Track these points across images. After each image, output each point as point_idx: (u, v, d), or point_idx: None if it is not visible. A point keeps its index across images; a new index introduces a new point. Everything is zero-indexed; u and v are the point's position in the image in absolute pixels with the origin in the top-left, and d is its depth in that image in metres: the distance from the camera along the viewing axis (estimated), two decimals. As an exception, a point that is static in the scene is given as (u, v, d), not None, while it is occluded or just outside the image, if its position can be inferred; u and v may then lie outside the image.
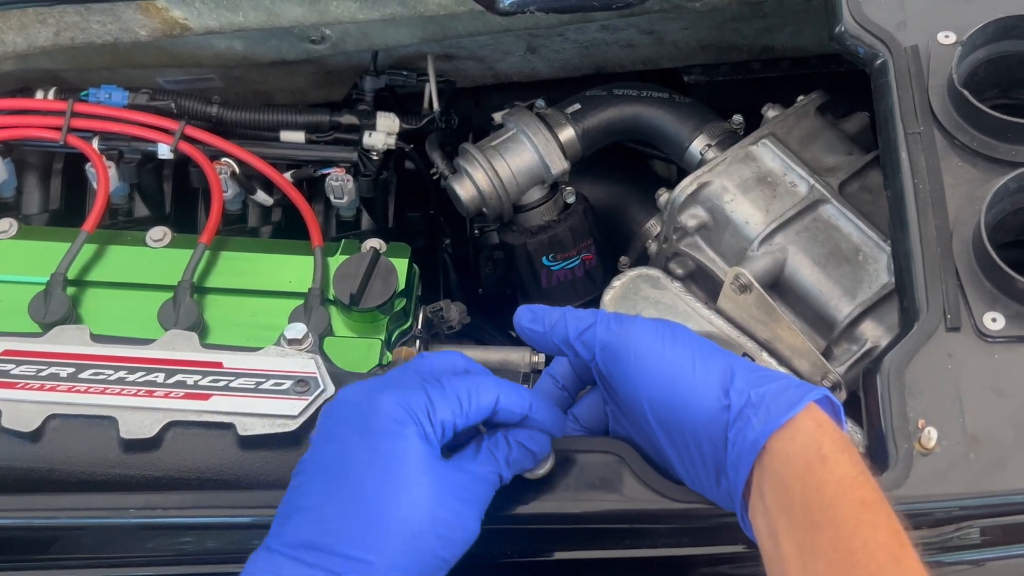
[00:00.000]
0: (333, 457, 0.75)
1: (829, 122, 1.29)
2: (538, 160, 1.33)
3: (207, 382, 0.96)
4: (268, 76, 1.49)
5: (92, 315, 1.14)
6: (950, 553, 0.88)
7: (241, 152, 1.30)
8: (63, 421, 0.94)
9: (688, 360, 0.79)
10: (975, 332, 0.89)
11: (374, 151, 1.37)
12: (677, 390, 0.78)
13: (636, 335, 0.81)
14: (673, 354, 0.79)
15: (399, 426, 0.74)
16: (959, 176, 0.97)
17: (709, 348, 0.81)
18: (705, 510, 0.83)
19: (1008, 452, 0.83)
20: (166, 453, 0.93)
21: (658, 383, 0.79)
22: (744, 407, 0.76)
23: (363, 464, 0.74)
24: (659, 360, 0.79)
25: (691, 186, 1.21)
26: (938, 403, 0.85)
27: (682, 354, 0.79)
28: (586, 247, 1.40)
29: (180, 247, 1.20)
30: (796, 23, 1.44)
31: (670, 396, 0.78)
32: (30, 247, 1.19)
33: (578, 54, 1.51)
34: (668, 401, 0.78)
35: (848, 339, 1.12)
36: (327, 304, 1.16)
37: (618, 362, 0.81)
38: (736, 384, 0.77)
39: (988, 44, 1.02)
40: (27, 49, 1.33)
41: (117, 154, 1.31)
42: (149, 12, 1.28)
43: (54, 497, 0.90)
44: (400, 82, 1.43)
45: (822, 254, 1.15)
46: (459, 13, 1.29)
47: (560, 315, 0.86)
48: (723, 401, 0.77)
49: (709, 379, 0.78)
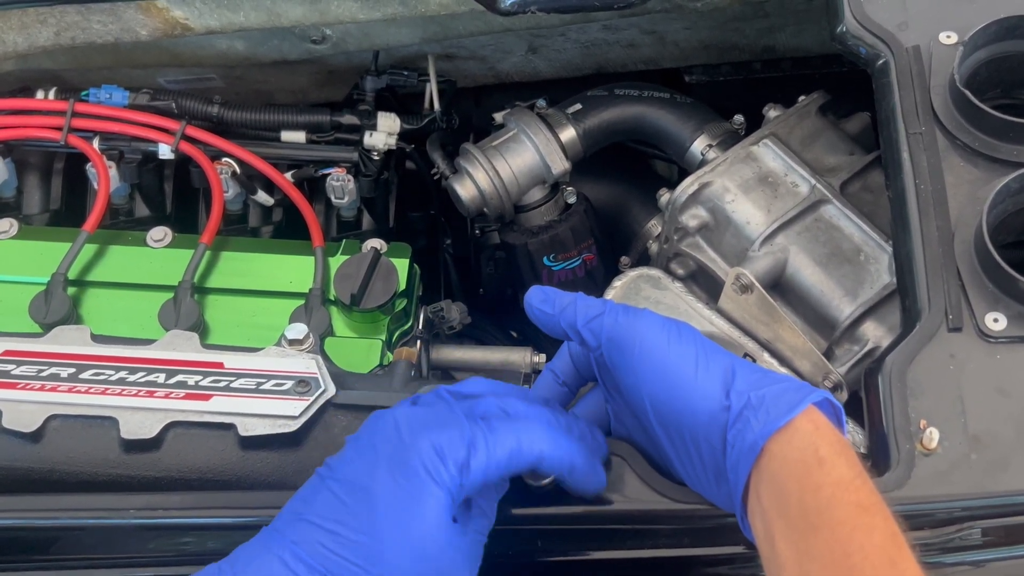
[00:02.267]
0: (361, 474, 0.74)
1: (830, 122, 1.29)
2: (539, 160, 1.33)
3: (208, 382, 0.96)
4: (269, 76, 1.49)
5: (93, 315, 1.14)
6: (952, 554, 0.87)
7: (242, 152, 1.30)
8: (64, 421, 0.94)
9: (691, 358, 0.79)
10: (977, 332, 0.88)
11: (375, 151, 1.37)
12: (679, 387, 0.78)
13: (643, 328, 0.81)
14: (677, 350, 0.79)
15: (429, 474, 0.73)
16: (961, 176, 0.96)
17: (712, 348, 0.80)
18: (707, 511, 0.82)
19: (1010, 452, 0.83)
20: (167, 454, 0.92)
21: (660, 378, 0.79)
22: (744, 408, 0.76)
23: (384, 496, 0.73)
24: (663, 355, 0.79)
25: (692, 186, 1.21)
26: (940, 403, 0.85)
27: (686, 351, 0.79)
28: (587, 247, 1.39)
29: (181, 247, 1.20)
30: (797, 23, 1.44)
31: (671, 393, 0.78)
32: (31, 247, 1.19)
33: (579, 54, 1.51)
34: (668, 398, 0.78)
35: (850, 339, 1.12)
36: (328, 304, 1.16)
37: (623, 354, 0.81)
38: (737, 385, 0.77)
39: (990, 44, 1.02)
40: (28, 49, 1.33)
41: (118, 154, 1.31)
42: (150, 12, 1.28)
43: (55, 498, 0.90)
44: (401, 82, 1.43)
45: (823, 254, 1.15)
46: (460, 13, 1.29)
47: (571, 300, 0.86)
48: (723, 402, 0.77)
49: (711, 378, 0.78)
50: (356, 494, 0.73)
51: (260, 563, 0.73)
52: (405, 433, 0.75)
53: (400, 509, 0.72)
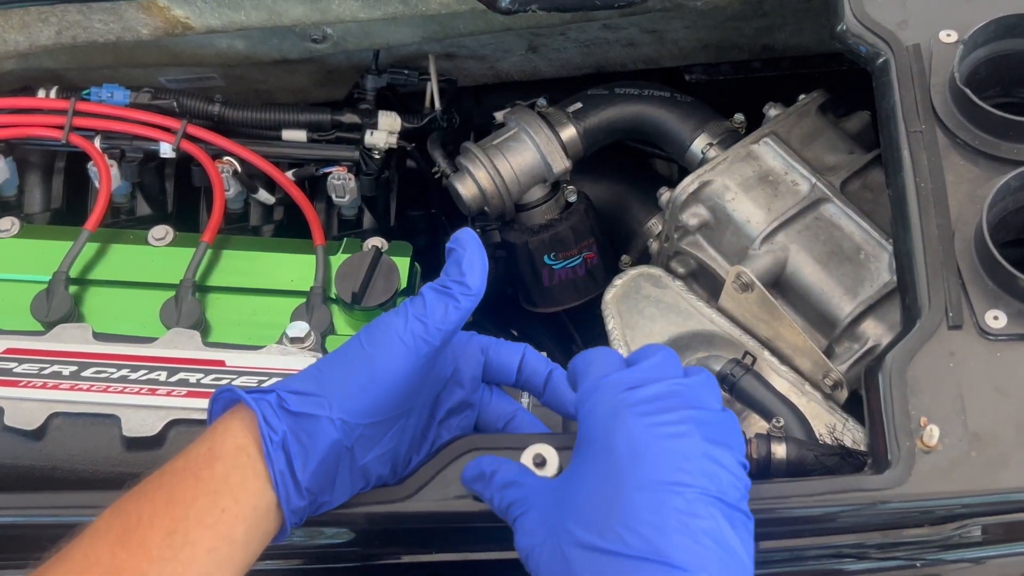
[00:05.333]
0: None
1: (830, 121, 1.29)
2: (540, 159, 1.33)
3: (209, 380, 0.96)
4: (270, 75, 1.49)
5: (94, 314, 1.14)
6: (951, 551, 0.88)
7: (243, 151, 1.30)
8: (66, 419, 0.94)
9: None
10: (977, 330, 0.89)
11: (376, 150, 1.37)
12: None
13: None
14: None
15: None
16: (961, 174, 0.97)
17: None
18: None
19: (1010, 450, 0.83)
20: (169, 451, 0.93)
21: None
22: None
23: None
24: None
25: (693, 185, 1.21)
26: (940, 401, 0.85)
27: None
28: (588, 246, 1.40)
29: (182, 246, 1.20)
30: (797, 22, 1.44)
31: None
32: (32, 246, 1.20)
33: (579, 53, 1.51)
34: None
35: (850, 337, 1.12)
36: (329, 303, 1.16)
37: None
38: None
39: (990, 42, 1.02)
40: (29, 48, 1.33)
41: (119, 153, 1.31)
42: (151, 11, 1.28)
43: (57, 495, 0.90)
44: (402, 81, 1.43)
45: (824, 253, 1.15)
46: (461, 12, 1.30)
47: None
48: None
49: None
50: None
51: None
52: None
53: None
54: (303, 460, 0.75)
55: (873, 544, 0.87)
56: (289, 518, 0.76)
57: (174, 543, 0.70)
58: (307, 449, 0.75)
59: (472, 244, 0.81)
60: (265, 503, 0.74)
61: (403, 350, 0.77)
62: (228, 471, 0.73)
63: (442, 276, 0.81)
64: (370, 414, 0.77)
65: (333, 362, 0.78)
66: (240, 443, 0.74)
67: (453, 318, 0.79)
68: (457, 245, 0.81)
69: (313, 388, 0.76)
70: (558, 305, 1.43)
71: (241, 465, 0.74)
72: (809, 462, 0.90)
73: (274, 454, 0.74)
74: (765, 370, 1.11)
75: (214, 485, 0.72)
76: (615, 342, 1.17)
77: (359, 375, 0.77)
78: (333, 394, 0.76)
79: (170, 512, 0.71)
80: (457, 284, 0.79)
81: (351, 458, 0.78)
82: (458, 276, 0.80)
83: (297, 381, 0.77)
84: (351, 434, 0.76)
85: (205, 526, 0.71)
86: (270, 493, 0.74)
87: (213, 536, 0.71)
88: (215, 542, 0.71)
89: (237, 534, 0.72)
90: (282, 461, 0.74)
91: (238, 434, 0.75)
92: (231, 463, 0.73)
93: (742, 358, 1.09)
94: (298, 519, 0.77)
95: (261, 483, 0.74)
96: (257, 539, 0.74)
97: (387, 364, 0.77)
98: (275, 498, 0.74)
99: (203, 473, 0.73)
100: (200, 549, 0.71)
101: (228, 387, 0.78)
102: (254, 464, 0.74)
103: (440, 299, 0.79)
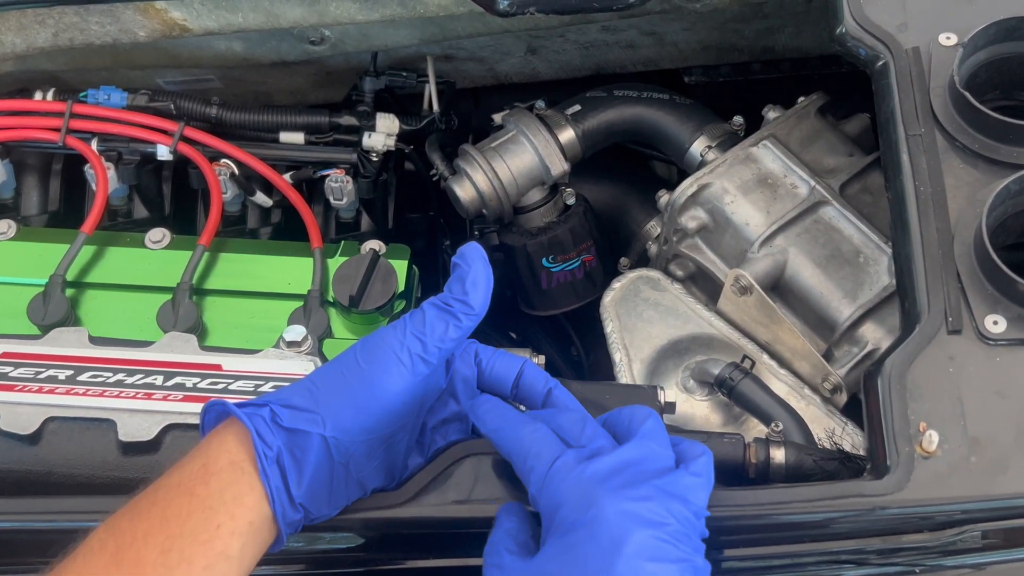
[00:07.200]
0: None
1: (830, 123, 1.29)
2: (538, 161, 1.33)
3: (206, 384, 0.96)
4: (267, 77, 1.48)
5: (91, 317, 1.14)
6: (951, 557, 0.87)
7: (240, 153, 1.30)
8: (62, 423, 0.94)
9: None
10: (976, 335, 0.88)
11: (374, 152, 1.36)
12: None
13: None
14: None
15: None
16: (960, 178, 0.96)
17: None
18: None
19: (1009, 455, 0.83)
20: (165, 456, 0.92)
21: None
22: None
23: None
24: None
25: (691, 187, 1.21)
26: (939, 406, 0.85)
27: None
28: (586, 248, 1.39)
29: (179, 248, 1.20)
30: (797, 24, 1.44)
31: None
32: (29, 248, 1.19)
33: (578, 55, 1.51)
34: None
35: (849, 341, 1.12)
36: (326, 306, 1.16)
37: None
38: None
39: (989, 46, 1.02)
40: (26, 50, 1.33)
41: (116, 155, 1.31)
42: (148, 13, 1.28)
43: (53, 500, 0.90)
44: (400, 83, 1.43)
45: (823, 256, 1.15)
46: (459, 14, 1.29)
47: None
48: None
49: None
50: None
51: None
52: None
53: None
54: (297, 476, 0.75)
55: (872, 550, 0.87)
56: (284, 530, 0.75)
57: (169, 561, 0.70)
58: (301, 465, 0.75)
59: (478, 261, 0.80)
60: (261, 518, 0.74)
61: (399, 369, 0.77)
62: (223, 487, 0.73)
63: (444, 292, 0.80)
64: (364, 432, 0.76)
65: (328, 377, 0.78)
66: (235, 459, 0.74)
67: (452, 337, 0.78)
68: (462, 261, 0.80)
69: (307, 403, 0.76)
70: (557, 308, 1.43)
71: (236, 481, 0.73)
72: (808, 466, 0.89)
73: (269, 470, 0.74)
74: (764, 374, 1.11)
75: (209, 501, 0.72)
76: (613, 345, 1.17)
77: (354, 394, 0.76)
78: (327, 411, 0.76)
79: (164, 530, 0.71)
80: (459, 302, 0.79)
81: (346, 472, 0.77)
82: (461, 294, 0.79)
83: (291, 394, 0.77)
84: (345, 452, 0.76)
85: (200, 543, 0.71)
86: (266, 508, 0.74)
87: (208, 553, 0.71)
88: (211, 559, 0.71)
89: (233, 550, 0.72)
90: (277, 477, 0.74)
91: (232, 449, 0.74)
92: (226, 479, 0.73)
93: (741, 362, 1.09)
94: (294, 530, 0.77)
95: (256, 497, 0.73)
96: (252, 553, 0.74)
97: (383, 383, 0.76)
98: (271, 512, 0.74)
99: (197, 489, 0.73)
100: (196, 567, 0.70)
101: (220, 400, 0.78)
102: (249, 480, 0.74)
103: (441, 316, 0.78)
